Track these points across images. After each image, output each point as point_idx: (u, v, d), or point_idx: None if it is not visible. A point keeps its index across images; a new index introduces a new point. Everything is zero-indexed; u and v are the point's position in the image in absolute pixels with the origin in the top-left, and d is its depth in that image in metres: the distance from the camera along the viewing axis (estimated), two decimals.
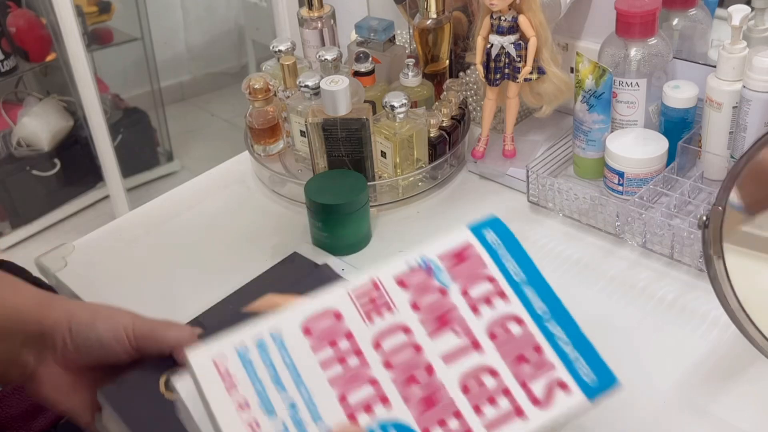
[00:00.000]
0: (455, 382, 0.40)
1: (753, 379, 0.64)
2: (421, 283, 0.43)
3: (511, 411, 0.39)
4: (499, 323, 0.42)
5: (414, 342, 0.41)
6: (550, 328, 0.42)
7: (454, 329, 0.42)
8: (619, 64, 0.83)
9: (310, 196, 0.80)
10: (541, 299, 0.44)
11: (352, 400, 0.39)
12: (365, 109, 0.83)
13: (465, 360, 0.40)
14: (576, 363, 0.41)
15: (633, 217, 0.77)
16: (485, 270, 0.44)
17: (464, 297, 0.43)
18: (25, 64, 2.06)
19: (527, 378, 0.40)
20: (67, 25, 1.70)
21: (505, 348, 0.41)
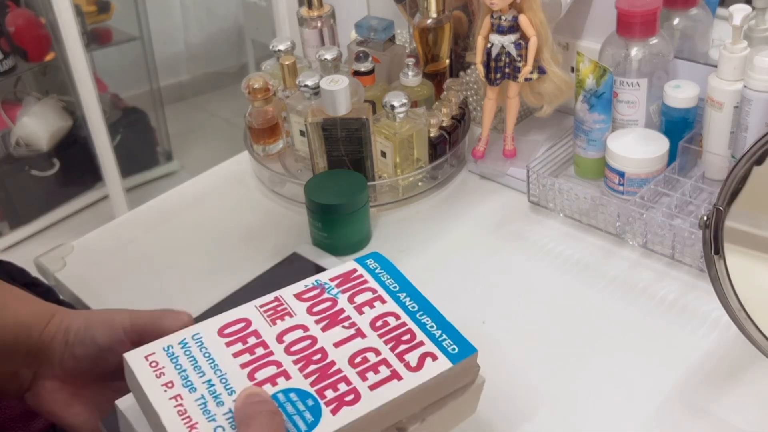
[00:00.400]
0: (344, 359, 0.49)
1: (753, 380, 0.64)
2: (316, 295, 0.54)
3: (390, 376, 0.48)
4: (379, 318, 0.52)
5: (310, 335, 0.51)
6: (421, 319, 0.52)
7: (343, 325, 0.52)
8: (619, 64, 0.82)
9: (310, 196, 0.80)
10: (413, 300, 0.54)
11: (259, 377, 0.47)
12: (365, 108, 0.83)
13: (352, 344, 0.50)
14: (442, 340, 0.51)
15: (634, 217, 0.77)
16: (367, 284, 0.55)
17: (351, 303, 0.53)
18: (24, 63, 2.06)
19: (403, 353, 0.50)
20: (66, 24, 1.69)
21: (385, 334, 0.51)
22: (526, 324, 0.72)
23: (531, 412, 0.63)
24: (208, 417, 0.44)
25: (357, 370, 0.48)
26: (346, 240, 0.81)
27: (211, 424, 0.44)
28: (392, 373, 0.48)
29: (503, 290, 0.76)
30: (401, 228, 0.86)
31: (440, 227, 0.86)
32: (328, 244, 0.81)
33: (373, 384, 0.47)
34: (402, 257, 0.81)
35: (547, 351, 0.69)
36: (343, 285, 0.55)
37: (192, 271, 0.83)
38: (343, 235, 0.81)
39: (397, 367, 0.49)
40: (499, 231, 0.84)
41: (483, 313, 0.73)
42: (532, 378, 0.66)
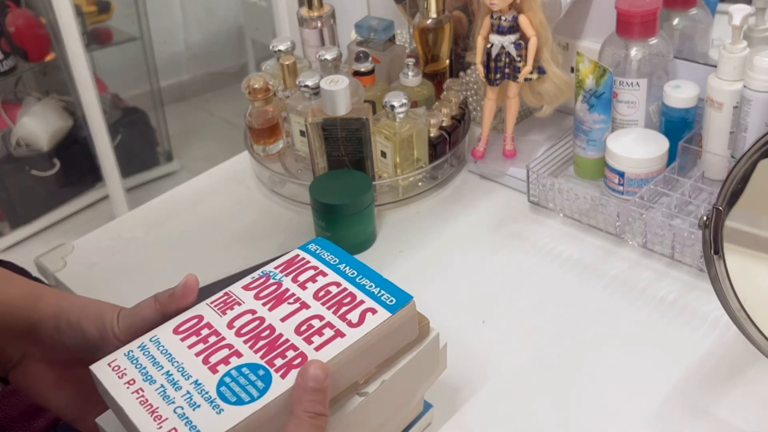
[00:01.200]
0: (291, 330, 0.52)
1: (753, 380, 0.64)
2: (261, 283, 0.57)
3: (334, 335, 0.51)
4: (322, 289, 0.55)
5: (258, 317, 0.54)
6: (360, 282, 0.55)
7: (288, 302, 0.55)
8: (619, 64, 0.82)
9: (315, 196, 0.80)
10: (352, 268, 0.57)
11: (213, 360, 0.51)
12: (365, 108, 0.83)
13: (297, 316, 0.53)
14: (380, 296, 0.54)
15: (633, 217, 0.77)
16: (309, 264, 0.58)
17: (294, 282, 0.56)
18: (24, 63, 2.06)
19: (345, 313, 0.53)
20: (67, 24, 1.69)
21: (327, 302, 0.54)
22: (526, 324, 0.72)
23: (531, 412, 0.63)
24: (168, 401, 0.48)
25: (303, 337, 0.51)
26: (350, 240, 0.81)
27: (171, 406, 0.48)
28: (336, 333, 0.51)
29: (503, 290, 0.76)
30: (401, 228, 0.86)
31: (440, 227, 0.86)
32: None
33: (318, 345, 0.51)
34: (402, 257, 0.81)
35: (547, 351, 0.69)
36: (287, 269, 0.58)
37: (192, 270, 0.83)
38: (348, 235, 0.81)
39: (340, 327, 0.52)
40: (499, 231, 0.84)
41: (483, 313, 0.73)
42: (532, 378, 0.66)
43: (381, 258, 0.81)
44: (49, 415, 0.68)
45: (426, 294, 0.76)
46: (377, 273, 0.56)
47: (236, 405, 0.47)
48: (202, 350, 0.52)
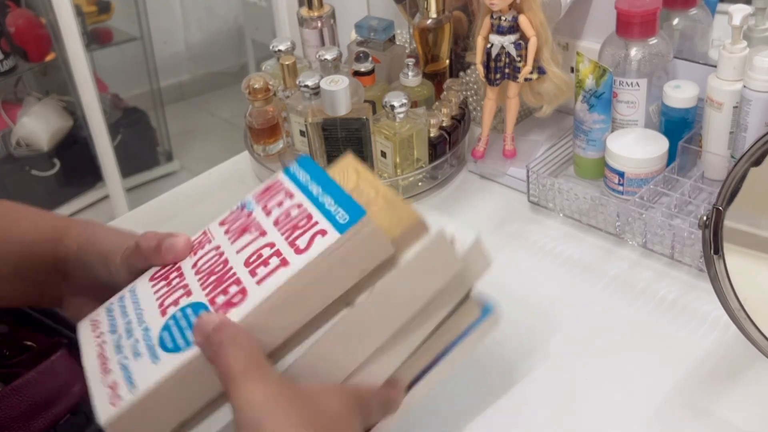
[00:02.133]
0: (241, 262, 0.49)
1: (753, 380, 0.64)
2: (236, 217, 0.55)
3: (278, 265, 0.47)
4: (284, 213, 0.51)
5: (220, 251, 0.51)
6: (321, 200, 0.50)
7: (250, 231, 0.52)
8: (619, 64, 0.82)
9: None
10: (318, 184, 0.51)
11: (166, 303, 0.49)
12: (365, 108, 0.83)
13: (252, 245, 0.50)
14: (336, 213, 0.48)
15: (633, 217, 0.77)
16: (283, 186, 0.54)
17: (263, 209, 0.53)
18: (24, 63, 2.06)
19: (296, 238, 0.48)
20: (67, 24, 1.69)
21: (284, 226, 0.50)
22: (525, 324, 0.72)
23: (531, 412, 0.63)
24: (117, 351, 0.47)
25: (249, 269, 0.48)
26: None
27: (117, 356, 0.47)
28: (281, 262, 0.47)
29: (502, 290, 0.76)
30: None
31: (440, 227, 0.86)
32: None
33: (261, 278, 0.46)
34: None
35: (547, 351, 0.69)
36: (263, 196, 0.54)
37: None
38: None
39: (286, 255, 0.47)
40: (499, 231, 0.84)
41: None
42: (532, 377, 0.66)
43: None
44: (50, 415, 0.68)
45: None
46: (338, 186, 0.50)
47: (172, 352, 0.45)
48: (163, 293, 0.50)
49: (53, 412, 0.68)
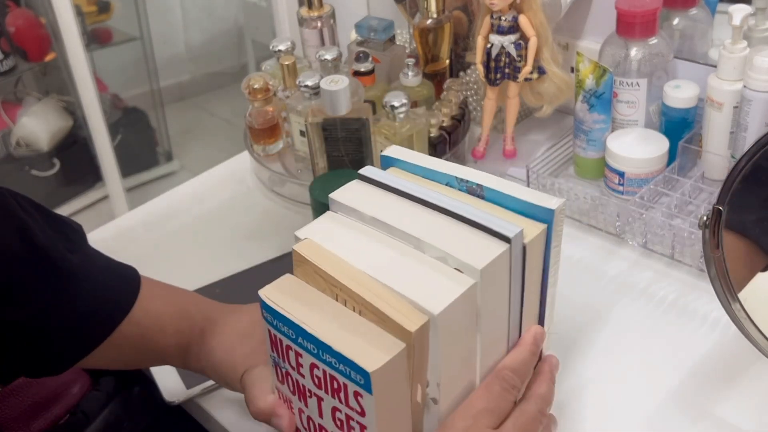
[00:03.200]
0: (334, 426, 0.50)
1: (753, 380, 0.64)
2: (284, 377, 0.53)
3: (360, 428, 0.48)
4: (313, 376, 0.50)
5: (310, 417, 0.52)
6: (327, 359, 0.48)
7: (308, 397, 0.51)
8: (619, 64, 0.82)
9: (314, 195, 0.80)
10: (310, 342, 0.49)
11: None
12: (365, 108, 0.83)
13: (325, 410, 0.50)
14: (354, 376, 0.46)
15: (634, 217, 0.77)
16: (284, 343, 0.51)
17: (293, 369, 0.51)
18: (24, 63, 2.06)
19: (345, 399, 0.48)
20: (67, 24, 1.69)
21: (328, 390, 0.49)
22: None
23: None
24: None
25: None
26: None
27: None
28: (359, 425, 0.48)
29: None
30: None
31: None
32: None
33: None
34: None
35: (546, 350, 0.68)
36: (278, 352, 0.53)
37: (192, 270, 0.83)
38: None
39: (357, 418, 0.48)
40: None
41: None
42: None
43: None
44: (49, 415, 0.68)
45: None
46: (333, 350, 0.47)
47: None
48: None
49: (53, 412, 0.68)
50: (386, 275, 0.49)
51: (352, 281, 0.49)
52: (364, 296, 0.48)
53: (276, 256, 0.82)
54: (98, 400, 0.70)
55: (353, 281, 0.49)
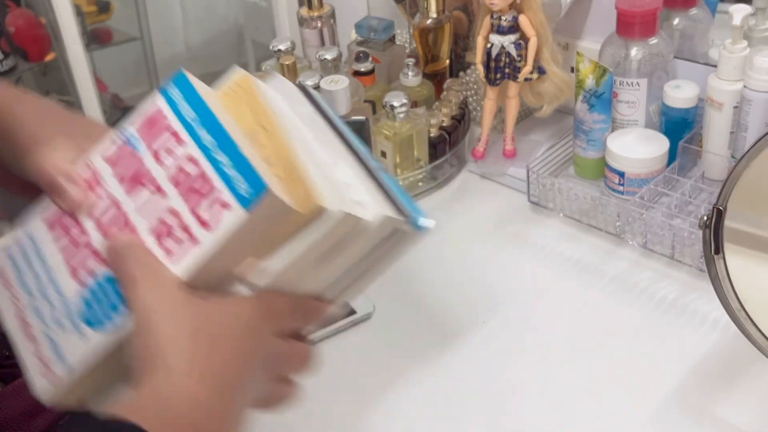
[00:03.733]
0: (146, 229, 0.48)
1: (754, 379, 0.64)
2: (119, 153, 0.51)
3: (189, 242, 0.46)
4: (179, 168, 0.48)
5: (120, 208, 0.49)
6: (217, 157, 0.46)
7: (145, 185, 0.49)
8: (619, 64, 0.82)
9: None
10: (209, 133, 0.48)
11: (74, 263, 0.48)
12: (365, 109, 0.83)
13: (153, 209, 0.48)
14: (236, 183, 0.45)
15: (634, 217, 0.77)
16: (167, 122, 0.50)
17: (152, 152, 0.49)
18: (24, 63, 2.06)
19: (199, 207, 0.46)
20: (67, 24, 1.69)
21: (184, 188, 0.47)
22: (525, 324, 0.72)
23: (530, 412, 0.63)
24: (38, 316, 0.47)
25: (158, 241, 0.47)
26: None
27: (41, 326, 0.47)
28: (191, 239, 0.46)
29: (503, 290, 0.76)
30: None
31: (440, 227, 0.86)
32: None
33: (175, 257, 0.46)
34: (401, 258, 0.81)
35: (547, 351, 0.69)
36: (145, 131, 0.51)
37: None
38: None
39: (195, 231, 0.46)
40: (499, 231, 0.84)
41: (483, 313, 0.73)
42: (532, 377, 0.66)
43: None
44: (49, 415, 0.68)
45: (426, 294, 0.76)
46: (233, 142, 0.46)
47: (98, 330, 0.46)
48: (69, 252, 0.49)
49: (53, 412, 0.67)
50: (314, 156, 0.49)
51: (285, 131, 0.48)
52: (292, 148, 0.47)
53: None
54: None
55: (286, 132, 0.48)
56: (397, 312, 0.74)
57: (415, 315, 0.74)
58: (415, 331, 0.72)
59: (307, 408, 0.66)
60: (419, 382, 0.66)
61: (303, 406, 0.65)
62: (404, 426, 0.63)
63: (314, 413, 0.65)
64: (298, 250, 0.47)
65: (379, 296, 0.75)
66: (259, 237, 0.46)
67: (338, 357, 0.70)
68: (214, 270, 0.46)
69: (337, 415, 0.64)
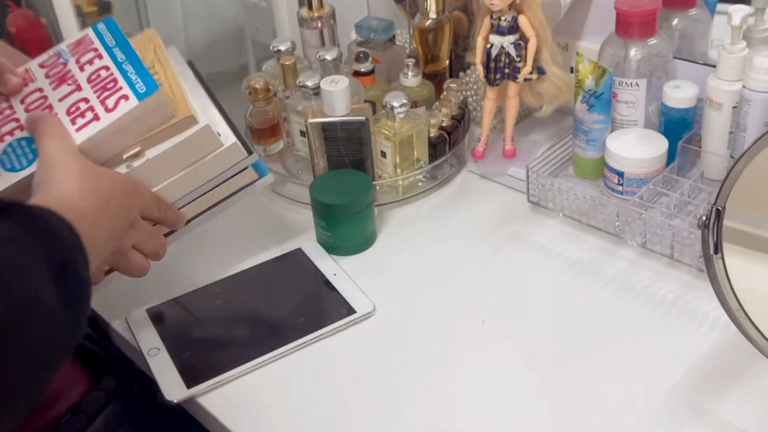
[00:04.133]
0: (64, 110, 0.66)
1: (753, 379, 0.64)
2: (52, 62, 0.71)
3: (92, 119, 0.65)
4: (95, 72, 0.69)
5: (44, 95, 0.68)
6: (125, 68, 0.68)
7: (68, 83, 0.68)
8: (619, 64, 0.83)
9: (315, 195, 0.80)
10: (122, 53, 0.70)
11: (2, 131, 0.65)
12: (365, 109, 0.83)
13: (71, 97, 0.67)
14: (135, 83, 0.66)
15: (633, 217, 0.77)
16: (92, 45, 0.71)
17: (77, 63, 0.70)
18: None
19: (105, 98, 0.66)
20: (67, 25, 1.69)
21: (96, 85, 0.67)
22: (525, 324, 0.72)
23: (530, 412, 0.63)
24: None
25: (70, 118, 0.66)
26: (349, 240, 0.81)
27: None
28: (94, 117, 0.65)
29: (503, 290, 0.76)
30: (401, 228, 0.86)
31: (440, 227, 0.86)
32: (332, 244, 0.81)
33: (79, 127, 0.65)
34: (401, 257, 0.82)
35: (547, 350, 0.69)
36: (75, 49, 0.72)
37: (194, 270, 0.83)
38: (346, 235, 0.81)
39: (98, 111, 0.65)
40: (498, 231, 0.84)
41: (483, 312, 0.73)
42: (532, 377, 0.66)
43: (381, 258, 0.81)
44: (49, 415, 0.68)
45: (426, 294, 0.76)
46: (139, 60, 0.68)
47: (10, 171, 0.62)
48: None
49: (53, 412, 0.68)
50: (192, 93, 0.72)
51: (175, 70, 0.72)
52: (176, 77, 0.71)
53: (276, 256, 0.82)
54: (98, 400, 0.70)
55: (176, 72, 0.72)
56: (397, 312, 0.74)
57: (415, 315, 0.74)
58: (415, 331, 0.72)
59: (308, 408, 0.66)
60: (419, 381, 0.66)
61: (303, 404, 0.65)
62: (404, 426, 0.63)
63: (314, 414, 0.65)
64: (168, 148, 0.67)
65: (379, 296, 0.75)
66: (143, 129, 0.66)
67: (338, 357, 0.70)
68: (106, 146, 0.65)
69: (337, 414, 0.64)
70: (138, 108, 0.64)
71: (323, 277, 0.78)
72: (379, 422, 0.63)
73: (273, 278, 0.80)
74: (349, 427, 0.63)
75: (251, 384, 0.67)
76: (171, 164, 0.68)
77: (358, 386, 0.67)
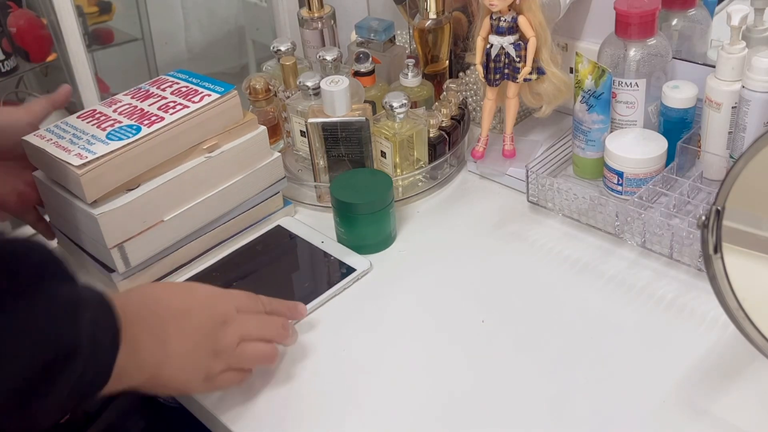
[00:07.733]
0: (155, 108, 0.77)
1: (752, 379, 0.64)
2: (133, 93, 0.82)
3: (183, 107, 0.77)
4: (177, 89, 0.81)
5: (133, 105, 0.79)
6: (203, 84, 0.81)
7: (153, 97, 0.80)
8: (618, 65, 0.83)
9: (334, 193, 0.80)
10: (195, 77, 0.84)
11: (103, 126, 0.76)
12: (365, 109, 0.83)
13: (158, 102, 0.79)
14: (215, 87, 0.80)
15: (632, 216, 0.77)
16: (168, 80, 0.84)
17: (158, 88, 0.82)
18: (25, 64, 2.06)
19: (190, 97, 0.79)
20: (68, 25, 1.69)
21: (179, 94, 0.80)
22: (525, 323, 0.72)
23: (530, 412, 0.63)
24: (73, 144, 0.73)
25: (161, 111, 0.76)
26: (366, 239, 0.81)
27: (76, 145, 0.73)
28: (183, 105, 0.77)
29: (502, 290, 0.77)
30: (401, 228, 0.86)
31: (440, 227, 0.86)
32: (349, 242, 0.82)
33: (173, 112, 0.76)
34: (401, 257, 0.82)
35: (546, 350, 0.69)
36: (153, 84, 0.83)
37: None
38: (363, 235, 0.81)
39: (186, 102, 0.77)
40: (498, 231, 0.84)
41: (482, 312, 0.73)
42: (531, 377, 0.66)
43: (381, 257, 0.82)
44: None
45: (425, 293, 0.76)
46: (212, 78, 0.81)
47: (118, 140, 0.73)
48: (95, 122, 0.76)
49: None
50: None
51: None
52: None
53: (258, 236, 0.85)
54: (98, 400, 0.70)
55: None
56: (397, 312, 0.74)
57: (414, 314, 0.74)
58: (415, 331, 0.72)
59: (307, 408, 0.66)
60: (419, 381, 0.67)
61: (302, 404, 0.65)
62: (404, 425, 0.63)
63: (314, 413, 0.65)
64: (239, 143, 0.81)
65: (379, 296, 0.75)
66: (220, 124, 0.79)
67: (339, 356, 0.70)
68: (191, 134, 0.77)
69: (338, 414, 0.65)
70: (219, 100, 0.77)
71: (312, 245, 0.82)
72: (379, 422, 0.63)
73: (264, 255, 0.82)
74: (350, 426, 0.63)
75: (251, 383, 0.68)
76: (237, 162, 0.80)
77: (358, 386, 0.67)
